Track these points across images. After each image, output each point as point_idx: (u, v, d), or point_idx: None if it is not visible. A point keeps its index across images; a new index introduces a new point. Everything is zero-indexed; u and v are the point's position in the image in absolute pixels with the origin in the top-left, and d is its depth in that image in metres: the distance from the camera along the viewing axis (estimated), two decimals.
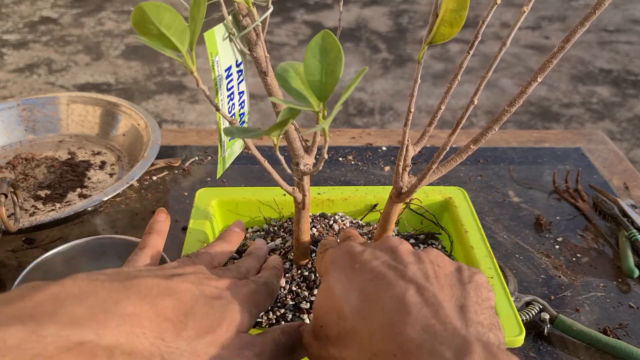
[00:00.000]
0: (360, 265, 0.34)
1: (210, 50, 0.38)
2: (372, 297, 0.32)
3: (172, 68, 2.86)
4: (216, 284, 0.35)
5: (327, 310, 0.34)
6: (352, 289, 0.33)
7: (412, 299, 0.31)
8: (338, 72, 0.30)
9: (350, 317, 0.31)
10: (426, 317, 0.29)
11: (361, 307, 0.32)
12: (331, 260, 0.37)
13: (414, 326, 0.29)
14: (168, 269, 0.36)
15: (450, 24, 0.36)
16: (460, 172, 0.79)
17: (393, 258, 0.35)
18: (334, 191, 0.58)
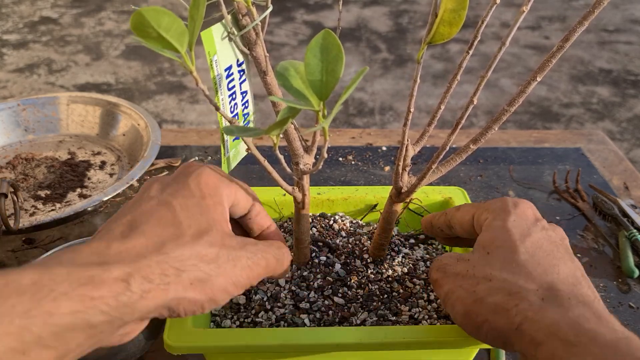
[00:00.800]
0: (542, 227, 0.39)
1: (208, 49, 0.38)
2: (549, 253, 0.36)
3: (172, 68, 2.86)
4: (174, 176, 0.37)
5: (501, 243, 0.37)
6: (532, 237, 0.37)
7: (580, 277, 0.36)
8: (339, 71, 0.30)
9: (525, 254, 0.36)
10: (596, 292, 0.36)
11: (537, 253, 0.36)
12: (514, 205, 0.40)
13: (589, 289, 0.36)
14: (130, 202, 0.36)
15: (449, 24, 0.36)
16: (460, 172, 0.79)
17: (564, 242, 0.39)
18: (334, 191, 0.58)
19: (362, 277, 0.48)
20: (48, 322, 0.25)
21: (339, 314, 0.45)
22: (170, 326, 0.41)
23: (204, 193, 0.35)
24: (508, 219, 0.38)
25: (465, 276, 0.37)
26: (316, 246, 0.50)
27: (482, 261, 0.37)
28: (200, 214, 0.34)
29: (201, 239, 0.32)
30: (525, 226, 0.38)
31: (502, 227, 0.38)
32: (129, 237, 0.31)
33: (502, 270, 0.35)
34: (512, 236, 0.37)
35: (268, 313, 0.45)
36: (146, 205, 0.33)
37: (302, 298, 0.46)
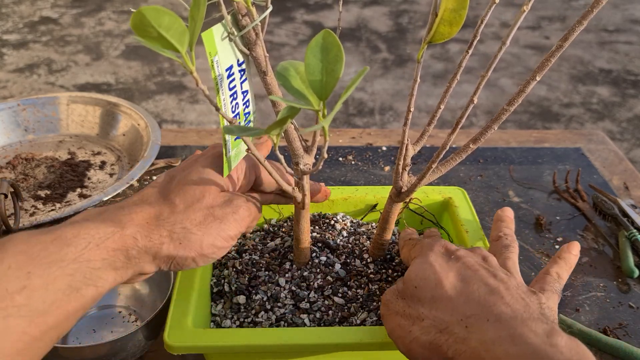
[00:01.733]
0: (456, 257, 0.41)
1: (209, 50, 0.38)
2: (468, 280, 0.38)
3: (172, 68, 2.86)
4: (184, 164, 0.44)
5: (425, 276, 0.39)
6: (450, 270, 0.39)
7: (503, 291, 0.37)
8: (338, 71, 0.30)
9: (447, 287, 0.38)
10: (517, 304, 0.36)
11: (457, 283, 0.38)
12: (429, 247, 0.42)
13: (507, 306, 0.35)
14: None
15: (449, 23, 0.36)
16: (460, 172, 0.79)
17: (484, 262, 0.41)
18: (334, 191, 0.58)
19: (362, 277, 0.48)
20: (89, 266, 0.34)
21: (339, 314, 0.45)
22: (171, 326, 0.42)
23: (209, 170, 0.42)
24: (428, 256, 0.41)
25: (403, 315, 0.39)
26: (316, 246, 0.50)
27: (414, 299, 0.39)
28: (195, 188, 0.41)
29: (192, 206, 0.40)
30: (443, 260, 0.40)
31: (424, 262, 0.40)
32: (134, 207, 0.39)
33: (431, 308, 0.37)
34: (434, 269, 0.39)
35: (268, 313, 0.45)
36: (149, 190, 0.42)
37: (302, 298, 0.46)
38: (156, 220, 0.38)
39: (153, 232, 0.38)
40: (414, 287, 0.39)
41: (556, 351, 0.31)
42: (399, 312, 0.39)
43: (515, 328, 0.33)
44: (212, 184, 0.42)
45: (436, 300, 0.38)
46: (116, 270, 0.36)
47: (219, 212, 0.40)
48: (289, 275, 0.48)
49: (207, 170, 0.43)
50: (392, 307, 0.40)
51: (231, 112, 0.43)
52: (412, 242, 0.46)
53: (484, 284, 0.37)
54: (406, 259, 0.45)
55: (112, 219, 0.37)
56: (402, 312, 0.39)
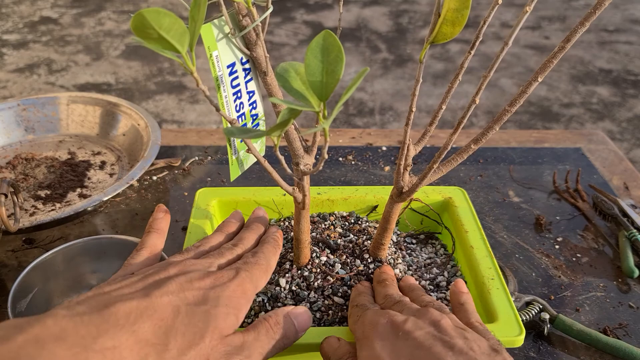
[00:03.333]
0: (404, 334, 0.35)
1: (207, 44, 0.38)
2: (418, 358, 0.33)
3: (172, 68, 2.86)
4: (199, 284, 0.35)
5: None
6: (401, 357, 0.34)
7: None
8: (339, 72, 0.30)
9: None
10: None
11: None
12: (372, 325, 0.37)
13: None
14: (151, 276, 0.35)
15: (452, 24, 0.36)
16: (460, 172, 0.79)
17: (437, 330, 0.36)
18: (334, 191, 0.58)
19: (362, 277, 0.48)
20: None
21: (339, 314, 0.45)
22: None
23: (220, 303, 0.35)
24: (374, 345, 0.36)
25: None
26: (317, 246, 0.50)
27: None
28: (202, 321, 0.33)
29: (186, 354, 0.32)
30: (391, 346, 0.35)
31: (370, 355, 0.36)
32: (123, 329, 0.30)
33: None
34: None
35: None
36: (158, 300, 0.33)
37: (302, 298, 0.46)
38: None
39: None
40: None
41: None
42: None
43: None
44: (224, 321, 0.34)
45: None
46: None
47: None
48: (289, 275, 0.48)
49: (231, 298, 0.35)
50: None
51: (235, 111, 0.43)
52: (357, 311, 0.41)
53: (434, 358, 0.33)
54: (353, 333, 0.40)
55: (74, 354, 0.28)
56: None
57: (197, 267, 0.37)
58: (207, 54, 0.38)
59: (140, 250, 0.41)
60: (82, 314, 0.30)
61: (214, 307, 0.34)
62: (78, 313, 0.30)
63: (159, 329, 0.31)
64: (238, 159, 0.44)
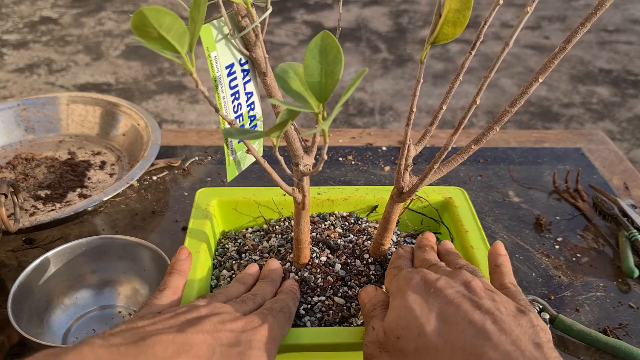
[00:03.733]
0: (435, 291, 0.37)
1: (206, 45, 0.38)
2: (452, 320, 0.35)
3: (172, 68, 2.86)
4: (232, 326, 0.35)
5: (406, 324, 0.36)
6: (431, 311, 0.36)
7: (490, 327, 0.33)
8: (338, 72, 0.30)
9: (431, 335, 0.34)
10: (506, 344, 0.32)
11: (441, 328, 0.35)
12: (406, 281, 0.39)
13: (495, 350, 0.32)
14: (182, 314, 0.36)
15: (453, 24, 0.36)
16: (460, 172, 0.79)
17: (467, 290, 0.37)
18: (334, 191, 0.58)
19: (362, 277, 0.48)
20: None
21: (339, 314, 0.45)
22: None
23: (252, 346, 0.35)
24: (406, 296, 0.38)
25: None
26: (317, 246, 0.50)
27: (398, 352, 0.36)
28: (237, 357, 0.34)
29: None
30: (423, 299, 0.37)
31: (403, 306, 0.37)
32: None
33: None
34: (414, 314, 0.36)
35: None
36: (194, 337, 0.33)
37: (302, 302, 0.46)
38: None
39: None
40: (397, 338, 0.36)
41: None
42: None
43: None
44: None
45: (421, 353, 0.34)
46: None
47: None
48: (288, 276, 0.48)
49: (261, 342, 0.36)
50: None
51: (233, 112, 0.43)
52: (394, 271, 0.43)
53: (469, 322, 0.34)
54: (387, 291, 0.42)
55: None
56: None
57: (225, 310, 0.38)
58: (205, 55, 0.38)
59: (164, 291, 0.41)
60: (119, 345, 0.30)
61: (248, 349, 0.34)
62: (114, 344, 0.30)
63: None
64: (235, 160, 0.44)
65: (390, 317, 0.38)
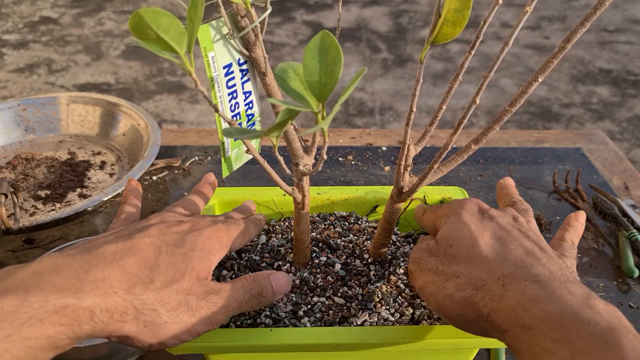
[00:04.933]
0: (489, 217, 0.41)
1: (204, 45, 0.38)
2: (504, 240, 0.38)
3: (172, 68, 2.86)
4: (178, 229, 0.39)
5: (461, 235, 0.39)
6: (485, 229, 0.40)
7: (538, 252, 0.37)
8: (337, 72, 0.30)
9: (483, 246, 0.38)
10: (552, 266, 0.36)
11: (494, 243, 0.38)
12: (460, 204, 0.43)
13: (544, 267, 0.36)
14: (133, 226, 0.40)
15: (453, 24, 0.36)
16: (460, 172, 0.79)
17: (516, 222, 0.41)
18: (334, 191, 0.58)
19: (362, 277, 0.48)
20: (25, 344, 0.30)
21: (339, 314, 0.45)
22: None
23: (196, 247, 0.39)
24: (462, 215, 0.41)
25: (435, 272, 0.39)
26: (317, 246, 0.50)
27: (448, 256, 0.39)
28: (182, 262, 0.37)
29: (169, 287, 0.36)
30: (477, 220, 0.41)
31: (458, 221, 0.41)
32: (111, 264, 0.34)
33: (467, 266, 0.38)
34: (469, 229, 0.40)
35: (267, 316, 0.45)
36: (140, 240, 0.37)
37: (301, 304, 0.46)
38: (126, 293, 0.34)
39: (117, 306, 0.33)
40: (449, 246, 0.39)
41: (594, 313, 0.32)
42: (431, 269, 0.39)
43: (553, 289, 0.33)
44: (199, 264, 0.38)
45: (472, 259, 0.38)
46: (57, 348, 0.32)
47: (195, 303, 0.36)
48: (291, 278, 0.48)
49: (205, 243, 0.39)
50: (423, 264, 0.40)
51: (230, 110, 0.43)
52: (434, 207, 0.46)
53: (520, 244, 0.38)
54: (429, 224, 0.45)
55: (70, 283, 0.32)
56: (434, 269, 0.39)
57: (175, 217, 0.42)
58: (203, 56, 0.38)
59: (120, 216, 0.44)
60: (74, 255, 0.34)
61: (191, 250, 0.38)
62: (69, 254, 0.34)
63: (143, 265, 0.35)
64: (231, 157, 0.45)
65: (444, 229, 0.41)
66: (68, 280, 0.32)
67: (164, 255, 0.37)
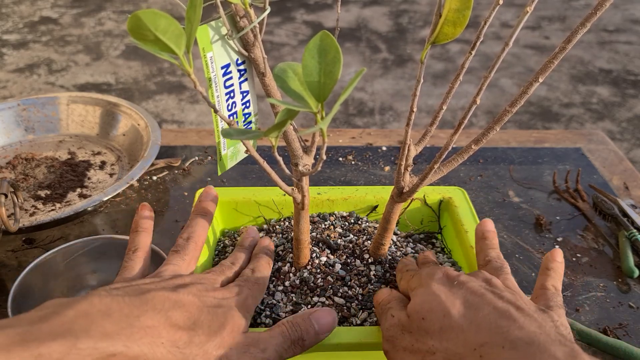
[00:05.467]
0: (459, 284, 0.39)
1: (202, 45, 0.38)
2: (476, 306, 0.36)
3: (172, 68, 2.86)
4: (214, 294, 0.39)
5: (431, 307, 0.38)
6: (456, 298, 0.38)
7: (514, 312, 0.35)
8: (336, 72, 0.30)
9: (456, 316, 0.36)
10: (532, 326, 0.34)
11: (466, 311, 0.36)
12: (429, 275, 0.41)
13: (521, 329, 0.33)
14: (170, 280, 0.39)
15: (453, 24, 0.36)
16: (460, 172, 0.79)
17: (488, 284, 0.39)
18: (334, 191, 0.58)
19: (362, 277, 0.48)
20: None
21: (339, 314, 0.45)
22: None
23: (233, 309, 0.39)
24: (430, 285, 0.39)
25: (411, 351, 0.37)
26: (317, 246, 0.50)
27: (422, 331, 0.37)
28: (222, 317, 0.37)
29: (212, 341, 0.36)
30: (447, 288, 0.39)
31: (427, 292, 0.39)
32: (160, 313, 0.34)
33: (442, 340, 0.36)
34: (439, 299, 0.38)
35: (267, 318, 0.45)
36: (185, 297, 0.37)
37: (302, 303, 0.46)
38: (171, 345, 0.34)
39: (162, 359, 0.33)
40: (421, 319, 0.38)
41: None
42: (407, 348, 0.38)
43: (533, 355, 0.31)
44: (240, 319, 0.38)
45: (446, 331, 0.36)
46: None
47: (235, 357, 0.36)
48: (287, 283, 0.48)
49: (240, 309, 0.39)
50: (397, 343, 0.39)
51: (227, 110, 0.43)
52: (409, 274, 0.44)
53: (493, 308, 0.36)
54: (405, 292, 0.44)
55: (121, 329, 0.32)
56: (410, 347, 0.37)
57: (205, 281, 0.41)
58: (201, 56, 0.39)
59: (136, 252, 0.43)
60: (123, 296, 0.34)
61: (229, 309, 0.38)
62: (118, 294, 0.34)
63: (187, 319, 0.35)
64: (226, 156, 0.45)
65: (415, 302, 0.39)
66: (118, 325, 0.32)
67: (206, 313, 0.37)
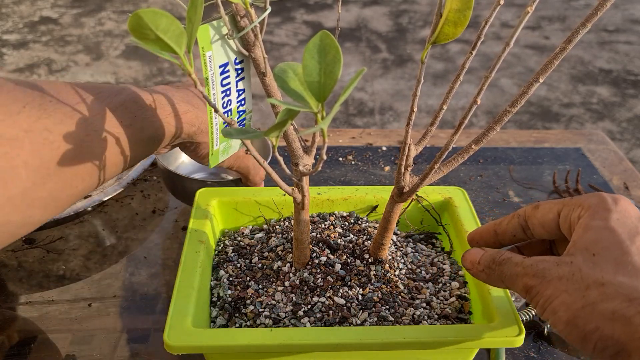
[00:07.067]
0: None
1: (202, 45, 0.38)
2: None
3: (172, 68, 2.86)
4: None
5: (608, 244, 0.33)
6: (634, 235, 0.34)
7: None
8: (336, 72, 0.30)
9: (636, 257, 0.32)
10: None
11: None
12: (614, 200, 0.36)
13: None
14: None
15: (454, 24, 0.36)
16: (460, 172, 0.79)
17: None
18: (334, 191, 0.58)
19: (362, 277, 0.48)
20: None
21: (339, 314, 0.45)
22: (170, 326, 0.41)
23: None
24: (610, 218, 0.34)
25: (570, 280, 0.33)
26: (317, 246, 0.50)
27: (589, 264, 0.33)
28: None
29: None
30: (632, 224, 0.34)
31: (605, 227, 0.34)
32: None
33: (617, 274, 0.31)
34: (620, 236, 0.33)
35: (266, 318, 0.45)
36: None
37: (301, 305, 0.46)
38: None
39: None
40: (592, 255, 0.33)
41: None
42: (563, 277, 0.33)
43: None
44: None
45: (625, 266, 0.32)
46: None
47: None
48: (288, 277, 0.48)
49: None
50: (550, 273, 0.34)
51: (222, 107, 0.44)
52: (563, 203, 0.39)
53: None
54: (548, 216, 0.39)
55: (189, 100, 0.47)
56: (568, 276, 0.33)
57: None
58: (200, 55, 0.39)
59: None
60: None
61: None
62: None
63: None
64: (218, 151, 0.46)
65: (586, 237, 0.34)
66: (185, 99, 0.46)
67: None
